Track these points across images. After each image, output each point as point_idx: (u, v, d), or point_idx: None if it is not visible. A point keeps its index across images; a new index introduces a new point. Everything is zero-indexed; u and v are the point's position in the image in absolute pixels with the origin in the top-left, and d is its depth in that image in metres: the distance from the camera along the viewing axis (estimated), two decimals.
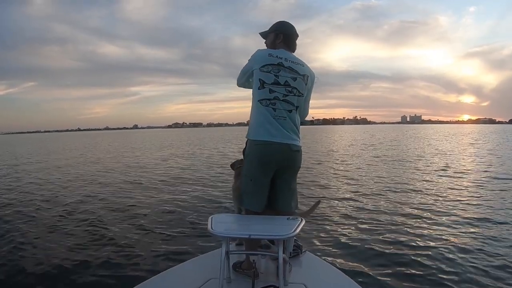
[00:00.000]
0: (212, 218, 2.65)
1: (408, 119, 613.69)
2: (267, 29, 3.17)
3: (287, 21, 3.18)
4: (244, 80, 3.11)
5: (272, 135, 2.84)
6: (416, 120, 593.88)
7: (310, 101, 3.20)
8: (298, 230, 2.41)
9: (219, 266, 2.47)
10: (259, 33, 3.23)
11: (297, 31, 3.11)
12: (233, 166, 3.59)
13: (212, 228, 2.44)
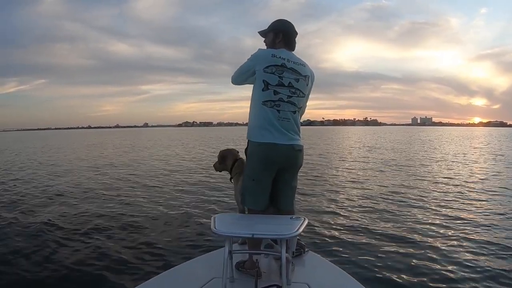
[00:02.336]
0: (215, 217, 2.66)
1: (418, 121, 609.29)
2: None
3: (286, 19, 3.17)
4: (242, 79, 3.08)
5: (276, 137, 2.85)
6: (427, 122, 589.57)
7: (308, 102, 3.23)
8: (301, 230, 2.43)
9: (222, 265, 2.47)
10: (258, 32, 3.22)
11: (308, 31, 3.10)
12: (223, 157, 3.59)
13: (215, 228, 2.46)
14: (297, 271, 3.00)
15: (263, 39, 3.20)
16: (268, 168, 2.92)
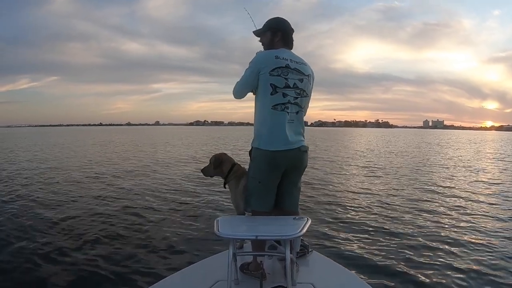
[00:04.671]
0: (218, 220, 2.66)
1: (430, 123, 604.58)
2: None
3: (282, 17, 3.12)
4: (248, 89, 2.98)
5: (284, 142, 2.83)
6: (439, 125, 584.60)
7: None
8: (304, 230, 2.43)
9: (226, 268, 2.47)
10: (253, 32, 3.16)
11: (319, 32, 3.02)
12: (220, 162, 3.46)
13: (218, 230, 2.45)
14: (301, 271, 3.01)
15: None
16: (274, 170, 2.90)
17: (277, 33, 3.01)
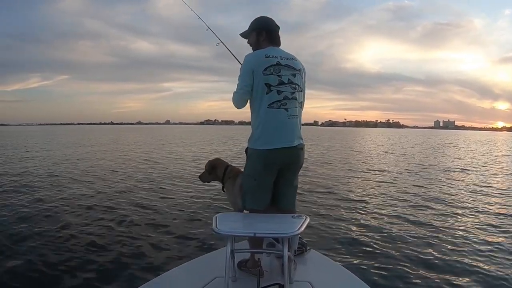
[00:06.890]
0: (216, 217, 2.68)
1: (441, 124, 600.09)
2: (295, 28, 3.11)
3: (267, 16, 3.16)
4: (249, 93, 2.93)
5: (279, 140, 2.86)
6: (450, 125, 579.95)
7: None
8: (303, 228, 2.45)
9: (224, 265, 2.50)
10: (240, 34, 3.22)
11: (329, 31, 3.01)
12: (213, 167, 3.59)
13: (217, 227, 2.47)
14: (299, 269, 3.03)
15: (285, 37, 3.14)
16: (269, 169, 2.92)
17: (261, 32, 3.06)
